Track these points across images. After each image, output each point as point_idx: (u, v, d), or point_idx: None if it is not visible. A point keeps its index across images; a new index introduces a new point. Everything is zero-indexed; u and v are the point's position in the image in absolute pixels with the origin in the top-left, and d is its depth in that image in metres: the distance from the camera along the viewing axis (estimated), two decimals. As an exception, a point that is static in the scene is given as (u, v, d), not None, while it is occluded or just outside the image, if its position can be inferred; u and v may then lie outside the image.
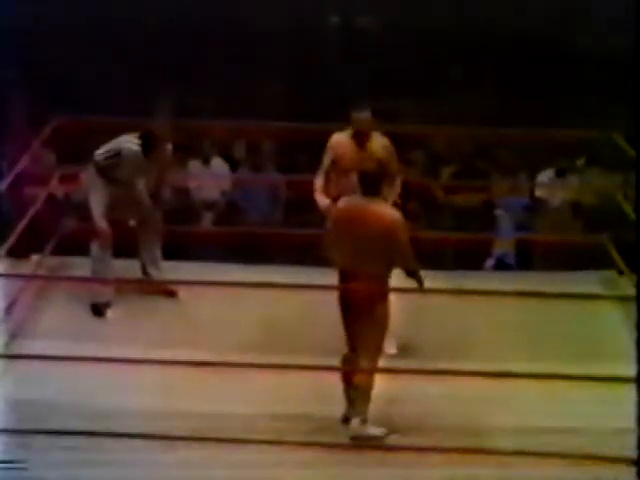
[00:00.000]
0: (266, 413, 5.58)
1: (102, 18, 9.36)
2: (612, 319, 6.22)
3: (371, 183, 5.50)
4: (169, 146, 6.74)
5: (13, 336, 6.17)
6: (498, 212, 8.65)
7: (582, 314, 6.20)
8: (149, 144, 6.51)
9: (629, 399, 4.80)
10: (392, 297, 5.54)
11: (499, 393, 5.51)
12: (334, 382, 5.63)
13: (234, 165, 8.96)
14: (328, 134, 6.32)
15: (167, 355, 5.79)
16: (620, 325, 6.07)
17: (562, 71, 9.32)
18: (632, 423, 4.78)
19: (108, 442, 5.23)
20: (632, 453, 4.82)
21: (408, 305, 6.10)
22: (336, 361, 5.61)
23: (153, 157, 6.56)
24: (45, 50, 9.13)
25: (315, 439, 5.27)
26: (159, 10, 9.55)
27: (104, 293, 6.57)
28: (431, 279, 6.64)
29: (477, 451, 5.15)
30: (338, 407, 5.55)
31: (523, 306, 6.20)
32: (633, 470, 4.82)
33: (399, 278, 5.62)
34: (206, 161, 8.92)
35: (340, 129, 6.25)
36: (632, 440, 4.79)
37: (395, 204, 5.82)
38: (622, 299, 5.43)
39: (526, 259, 8.38)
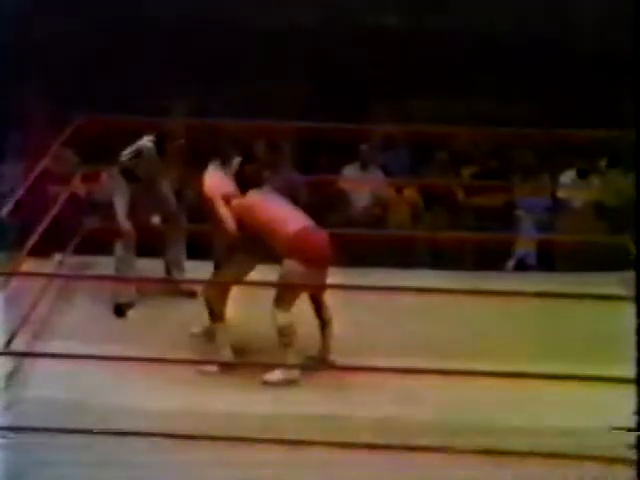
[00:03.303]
0: (285, 413, 5.56)
1: (120, 17, 9.36)
2: (631, 320, 6.17)
3: None
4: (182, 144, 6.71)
5: (35, 335, 6.16)
6: (519, 212, 8.62)
7: (602, 314, 6.16)
8: (162, 142, 6.56)
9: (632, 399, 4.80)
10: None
11: (500, 394, 5.49)
12: (354, 383, 5.72)
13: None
14: (348, 134, 6.29)
15: (186, 355, 5.84)
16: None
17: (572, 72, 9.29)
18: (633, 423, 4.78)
19: (130, 442, 5.22)
20: (632, 454, 4.81)
21: (428, 304, 6.18)
22: (355, 361, 5.69)
23: (168, 155, 6.60)
24: (66, 50, 9.13)
25: (331, 439, 5.23)
26: (175, 8, 9.54)
27: (126, 293, 6.58)
28: (452, 279, 6.75)
29: (477, 452, 5.11)
30: (359, 408, 5.57)
31: (543, 307, 6.16)
32: (633, 471, 4.81)
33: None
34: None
35: (361, 128, 6.23)
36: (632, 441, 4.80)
37: None
38: (621, 299, 5.40)
39: (547, 260, 8.33)
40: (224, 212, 6.04)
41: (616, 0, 7.83)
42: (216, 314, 6.02)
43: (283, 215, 5.98)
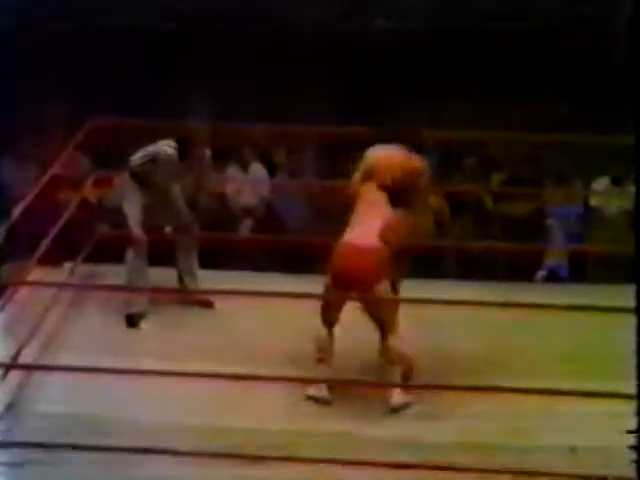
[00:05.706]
0: (301, 429, 5.45)
1: (138, 19, 9.30)
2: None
3: None
4: (207, 151, 6.65)
5: (44, 347, 6.05)
6: (550, 221, 8.51)
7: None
8: (185, 148, 6.46)
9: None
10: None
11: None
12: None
13: (273, 170, 8.86)
14: (370, 138, 6.23)
15: (201, 368, 5.61)
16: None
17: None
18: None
19: (142, 459, 5.13)
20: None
21: (454, 316, 6.08)
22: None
23: (189, 161, 6.51)
24: (80, 52, 9.04)
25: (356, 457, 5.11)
26: (197, 11, 9.47)
27: (139, 303, 6.46)
28: (479, 290, 6.61)
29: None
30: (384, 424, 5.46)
31: (573, 319, 5.89)
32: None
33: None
34: (245, 166, 8.84)
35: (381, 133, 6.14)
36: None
37: None
38: (621, 311, 5.28)
39: (580, 271, 8.24)
40: (355, 179, 6.07)
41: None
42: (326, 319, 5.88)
43: (354, 225, 5.87)
